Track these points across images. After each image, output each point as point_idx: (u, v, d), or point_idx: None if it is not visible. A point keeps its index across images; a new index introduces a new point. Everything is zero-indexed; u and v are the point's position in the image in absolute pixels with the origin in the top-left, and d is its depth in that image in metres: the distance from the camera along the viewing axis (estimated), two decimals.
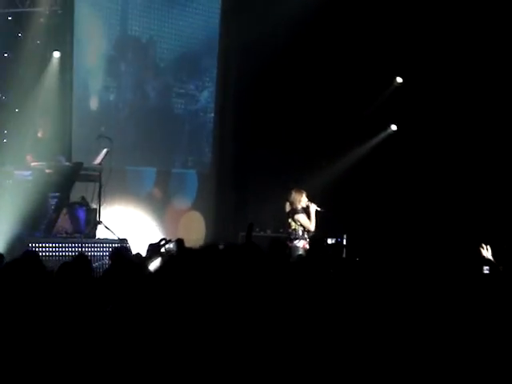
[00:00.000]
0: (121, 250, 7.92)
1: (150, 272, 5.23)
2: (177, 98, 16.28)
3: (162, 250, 5.47)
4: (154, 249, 5.33)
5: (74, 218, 12.39)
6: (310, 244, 11.66)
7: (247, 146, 16.40)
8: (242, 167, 16.56)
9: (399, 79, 16.17)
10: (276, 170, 15.58)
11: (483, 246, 8.86)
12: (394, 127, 16.33)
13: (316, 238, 11.69)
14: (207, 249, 7.07)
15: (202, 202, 16.49)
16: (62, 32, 14.43)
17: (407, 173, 15.41)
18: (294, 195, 12.00)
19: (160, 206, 15.90)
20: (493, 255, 8.63)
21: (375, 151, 15.88)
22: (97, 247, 11.67)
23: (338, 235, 13.45)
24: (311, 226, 11.83)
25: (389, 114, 16.05)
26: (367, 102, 15.76)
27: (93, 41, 15.02)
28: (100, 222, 12.52)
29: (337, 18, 15.48)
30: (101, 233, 12.54)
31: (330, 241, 13.06)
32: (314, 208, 11.89)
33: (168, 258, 5.73)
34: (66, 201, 12.43)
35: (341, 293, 5.03)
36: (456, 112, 15.12)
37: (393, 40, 15.35)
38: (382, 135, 16.30)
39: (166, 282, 4.52)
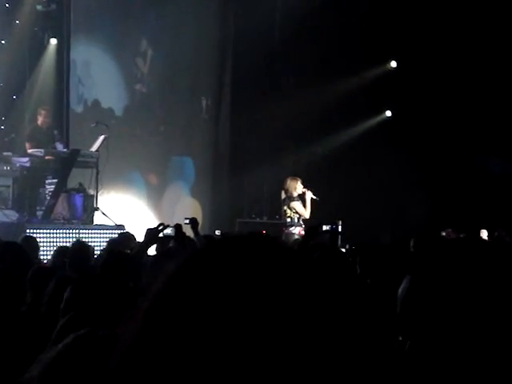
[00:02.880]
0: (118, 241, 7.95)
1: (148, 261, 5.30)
2: (173, 83, 16.29)
3: (160, 235, 5.56)
4: (152, 234, 5.41)
5: (71, 205, 12.47)
6: (305, 230, 11.76)
7: (243, 132, 16.46)
8: (239, 154, 16.63)
9: (393, 63, 16.23)
10: (272, 156, 15.66)
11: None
12: (388, 113, 16.41)
13: (312, 225, 11.80)
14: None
15: (198, 188, 16.57)
16: (59, 19, 14.47)
17: (402, 158, 15.49)
18: (290, 183, 12.08)
19: (157, 193, 15.99)
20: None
21: (369, 136, 15.95)
22: (94, 233, 11.78)
23: (333, 222, 13.50)
24: (306, 213, 11.92)
25: (384, 99, 16.12)
26: (362, 88, 15.81)
27: (90, 27, 15.06)
28: (97, 209, 12.61)
29: (333, 6, 15.52)
30: (98, 219, 12.64)
31: (325, 227, 13.11)
32: (309, 195, 11.98)
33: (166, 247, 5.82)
34: (64, 187, 12.51)
35: (336, 281, 5.09)
36: (452, 98, 15.20)
37: (389, 25, 15.40)
38: (377, 120, 16.38)
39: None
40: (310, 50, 15.80)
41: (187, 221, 7.13)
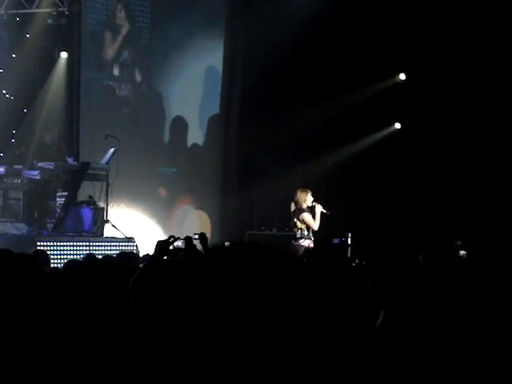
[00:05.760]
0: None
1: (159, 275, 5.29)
2: (183, 97, 16.35)
3: (171, 247, 5.56)
4: (162, 246, 5.41)
5: (81, 217, 12.52)
6: (314, 243, 11.74)
7: (252, 144, 16.48)
8: (248, 166, 16.64)
9: (403, 76, 16.24)
10: (281, 169, 15.67)
11: None
12: (397, 125, 16.42)
13: (321, 238, 11.79)
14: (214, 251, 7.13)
15: (207, 201, 16.58)
16: (70, 33, 14.55)
17: (411, 171, 15.48)
18: (300, 194, 12.06)
19: (166, 205, 16.00)
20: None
21: (379, 149, 15.94)
22: (104, 246, 11.81)
23: (342, 235, 13.51)
24: (315, 225, 11.90)
25: (393, 111, 16.11)
26: (371, 100, 15.81)
27: (100, 41, 15.14)
28: (107, 221, 12.64)
29: (342, 14, 15.54)
30: (108, 231, 12.67)
31: (335, 240, 13.10)
32: (319, 209, 11.95)
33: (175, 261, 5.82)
34: (74, 200, 12.56)
35: (347, 292, 5.08)
36: (462, 109, 15.18)
37: (398, 38, 15.41)
38: (386, 133, 16.37)
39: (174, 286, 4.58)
40: (319, 62, 15.83)
41: (196, 236, 7.14)
